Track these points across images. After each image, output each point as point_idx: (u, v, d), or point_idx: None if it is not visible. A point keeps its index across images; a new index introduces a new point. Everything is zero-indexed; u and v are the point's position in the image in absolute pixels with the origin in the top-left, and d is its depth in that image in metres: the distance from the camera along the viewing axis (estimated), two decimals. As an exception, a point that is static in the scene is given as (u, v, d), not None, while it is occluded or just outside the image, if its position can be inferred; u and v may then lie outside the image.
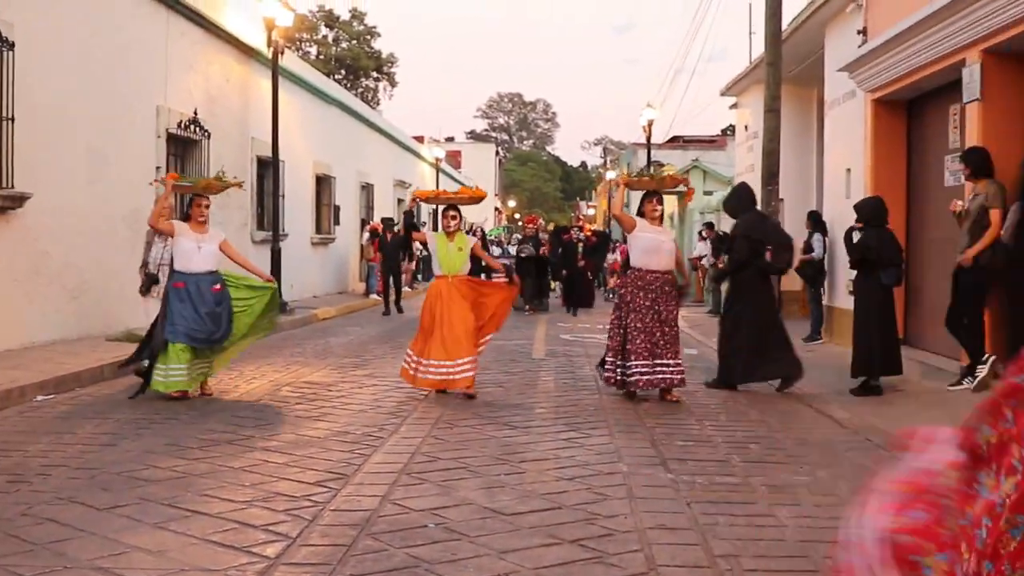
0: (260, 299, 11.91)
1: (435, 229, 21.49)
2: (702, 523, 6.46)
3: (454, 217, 12.21)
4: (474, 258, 12.30)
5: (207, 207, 11.90)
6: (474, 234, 26.83)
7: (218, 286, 11.57)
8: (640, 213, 12.03)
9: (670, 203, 50.85)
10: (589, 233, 33.05)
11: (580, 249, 29.17)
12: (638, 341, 11.41)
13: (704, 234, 28.60)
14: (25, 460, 8.07)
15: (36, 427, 9.55)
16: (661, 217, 12.02)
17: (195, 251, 11.51)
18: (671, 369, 11.50)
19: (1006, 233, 11.11)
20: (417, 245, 16.29)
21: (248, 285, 11.97)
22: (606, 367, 11.89)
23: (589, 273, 29.85)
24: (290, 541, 5.96)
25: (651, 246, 11.70)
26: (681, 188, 13.46)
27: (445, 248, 11.97)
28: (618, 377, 11.63)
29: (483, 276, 16.28)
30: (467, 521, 6.43)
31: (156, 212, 11.84)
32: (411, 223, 13.29)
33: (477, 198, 12.85)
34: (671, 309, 11.70)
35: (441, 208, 12.85)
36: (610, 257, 34.05)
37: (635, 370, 11.38)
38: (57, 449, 8.47)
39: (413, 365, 11.71)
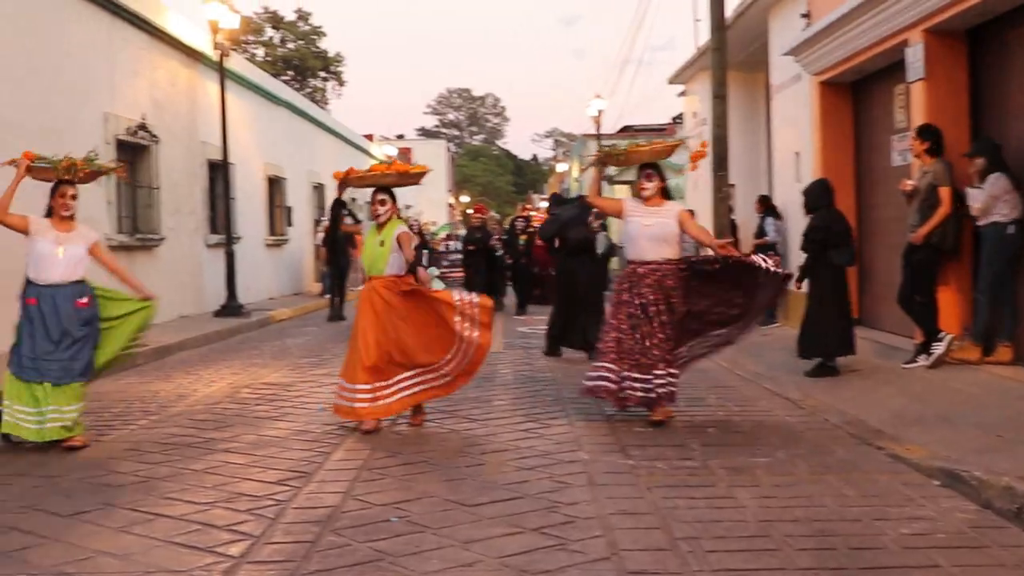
0: (132, 320, 9.51)
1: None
2: (662, 507, 6.52)
3: (383, 202, 9.77)
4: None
5: (74, 197, 9.30)
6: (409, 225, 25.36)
7: (85, 300, 9.11)
8: (636, 194, 10.10)
9: (622, 192, 50.63)
10: None
11: (522, 241, 26.01)
12: (608, 343, 9.60)
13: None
14: (-15, 471, 8.03)
15: (-6, 438, 9.48)
16: (661, 193, 9.80)
17: (53, 255, 9.01)
18: (653, 384, 9.38)
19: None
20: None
21: (123, 299, 9.53)
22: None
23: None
24: (254, 540, 5.98)
25: (633, 233, 9.68)
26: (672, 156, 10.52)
27: (370, 242, 9.71)
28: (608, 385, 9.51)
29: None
30: (430, 514, 6.47)
31: (2, 202, 9.16)
32: (338, 215, 10.51)
33: (412, 175, 10.11)
34: (674, 308, 9.49)
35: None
36: None
37: (594, 374, 9.66)
38: (18, 457, 8.40)
39: (352, 395, 9.39)
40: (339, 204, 10.33)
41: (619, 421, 9.55)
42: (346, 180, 10.04)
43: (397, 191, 10.04)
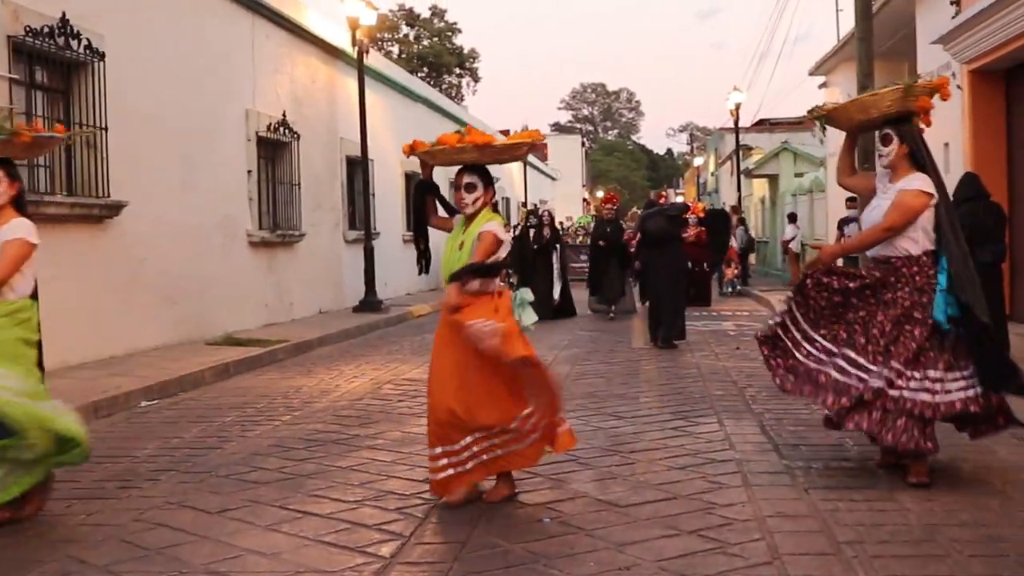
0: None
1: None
2: (822, 509, 6.31)
3: (470, 187, 6.89)
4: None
5: None
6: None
7: None
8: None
9: (760, 185, 49.65)
10: (700, 213, 24.80)
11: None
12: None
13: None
14: (134, 465, 8.08)
15: (143, 432, 9.56)
16: (909, 155, 7.23)
17: None
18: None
19: None
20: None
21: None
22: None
23: (706, 264, 24.13)
24: (404, 540, 5.91)
25: (866, 220, 7.37)
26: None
27: (449, 244, 6.95)
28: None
29: None
30: (582, 514, 6.34)
31: None
32: (421, 200, 7.29)
33: (507, 148, 7.10)
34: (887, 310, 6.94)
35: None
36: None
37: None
38: (165, 454, 8.46)
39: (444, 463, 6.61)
40: (424, 188, 7.26)
41: (770, 419, 9.30)
42: (415, 154, 7.06)
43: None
